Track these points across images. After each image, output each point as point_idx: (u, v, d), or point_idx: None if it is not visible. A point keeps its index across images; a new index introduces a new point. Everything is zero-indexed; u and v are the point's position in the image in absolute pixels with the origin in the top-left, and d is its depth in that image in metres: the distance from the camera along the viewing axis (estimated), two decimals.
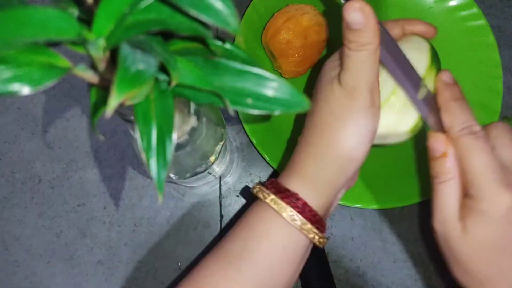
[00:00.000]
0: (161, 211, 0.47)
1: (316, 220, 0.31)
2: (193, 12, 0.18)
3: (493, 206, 0.30)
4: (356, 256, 0.46)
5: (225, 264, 0.31)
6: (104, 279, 0.46)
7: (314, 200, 0.31)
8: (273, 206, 0.31)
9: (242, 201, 0.48)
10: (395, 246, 0.46)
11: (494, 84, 0.46)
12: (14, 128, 0.49)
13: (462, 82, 0.48)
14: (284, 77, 0.47)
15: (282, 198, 0.31)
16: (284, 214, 0.30)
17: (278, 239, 0.31)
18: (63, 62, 0.18)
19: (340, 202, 0.44)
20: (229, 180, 0.48)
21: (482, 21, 0.47)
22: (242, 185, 0.48)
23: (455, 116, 0.31)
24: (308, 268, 0.43)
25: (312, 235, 0.31)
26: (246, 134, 0.46)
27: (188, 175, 0.36)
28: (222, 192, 0.48)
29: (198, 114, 0.31)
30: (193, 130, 0.30)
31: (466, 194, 0.31)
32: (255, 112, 0.21)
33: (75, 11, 0.20)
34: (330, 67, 0.33)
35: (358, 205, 0.44)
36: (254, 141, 0.45)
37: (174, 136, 0.19)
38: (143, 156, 0.19)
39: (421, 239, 0.46)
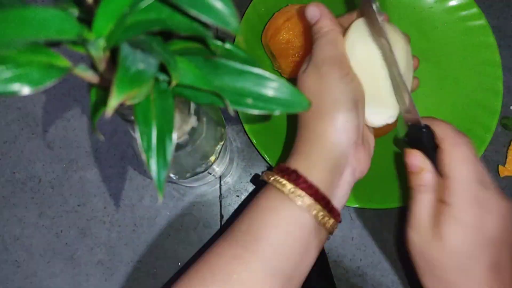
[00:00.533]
0: (161, 211, 0.47)
1: (320, 196, 0.31)
2: (193, 12, 0.18)
3: (468, 215, 0.32)
4: (356, 256, 0.46)
5: (232, 243, 0.31)
6: (104, 279, 0.46)
7: (314, 175, 0.32)
8: (275, 184, 0.32)
9: (242, 201, 0.48)
10: (395, 246, 0.46)
11: (494, 84, 0.46)
12: (14, 128, 0.49)
13: (462, 82, 0.48)
14: (284, 77, 0.48)
15: (282, 176, 0.32)
16: (285, 190, 0.31)
17: (281, 216, 0.31)
18: (63, 62, 0.18)
19: None
20: (229, 180, 0.48)
21: (482, 21, 0.47)
22: (242, 185, 0.48)
23: (447, 129, 0.35)
24: None
25: (316, 211, 0.31)
26: (246, 134, 0.46)
27: (188, 175, 0.36)
28: (222, 192, 0.48)
29: (198, 114, 0.31)
30: (193, 130, 0.30)
31: (442, 200, 0.33)
32: (255, 112, 0.21)
33: (75, 11, 0.20)
34: (303, 66, 0.36)
35: (358, 205, 0.44)
36: (254, 141, 0.45)
37: (174, 136, 0.19)
38: (143, 156, 0.19)
39: None
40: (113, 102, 0.16)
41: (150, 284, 0.46)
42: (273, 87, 0.21)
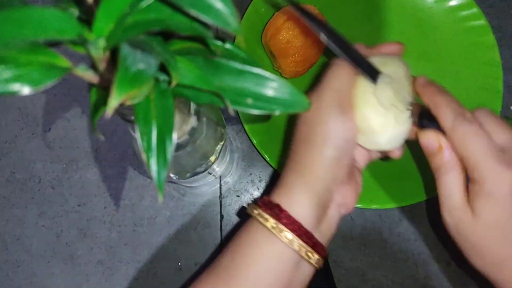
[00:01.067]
0: (161, 211, 0.47)
1: (303, 232, 0.31)
2: (193, 12, 0.18)
3: (498, 186, 0.30)
4: (356, 256, 0.46)
5: (214, 278, 0.31)
6: (104, 279, 0.46)
7: (297, 211, 0.31)
8: (258, 218, 0.31)
9: (242, 201, 0.48)
10: (395, 246, 0.46)
11: (494, 84, 0.46)
12: (14, 128, 0.49)
13: (462, 82, 0.48)
14: (284, 77, 0.47)
15: (265, 210, 0.31)
16: (267, 225, 0.31)
17: (262, 251, 0.31)
18: (63, 62, 0.18)
19: None
20: (229, 180, 0.48)
21: (482, 21, 0.47)
22: (242, 185, 0.48)
23: (445, 108, 0.32)
24: None
25: (298, 246, 0.30)
26: (246, 134, 0.46)
27: (188, 175, 0.36)
28: (222, 192, 0.48)
29: (198, 114, 0.31)
30: (193, 130, 0.30)
31: (469, 179, 0.32)
32: (255, 112, 0.21)
33: (75, 11, 0.20)
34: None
35: (358, 205, 0.44)
36: (254, 141, 0.45)
37: (174, 136, 0.19)
38: (143, 156, 0.19)
39: (421, 239, 0.46)
40: (113, 102, 0.16)
41: (150, 284, 0.46)
42: (273, 87, 0.21)
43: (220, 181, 0.48)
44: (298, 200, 0.31)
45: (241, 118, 0.46)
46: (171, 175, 0.35)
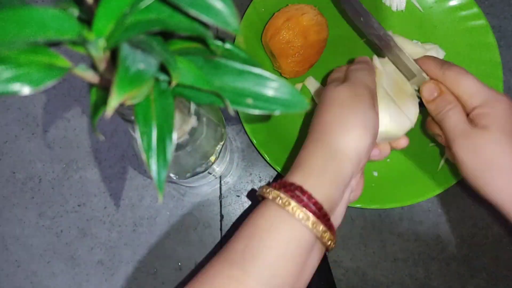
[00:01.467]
0: (161, 211, 0.47)
1: (322, 214, 0.31)
2: (193, 12, 0.18)
3: (496, 103, 0.35)
4: (356, 256, 0.46)
5: (228, 264, 0.30)
6: (104, 279, 0.46)
7: (319, 193, 0.31)
8: (277, 201, 0.30)
9: (242, 201, 0.48)
10: (395, 246, 0.46)
11: (494, 84, 0.46)
12: (14, 128, 0.49)
13: None
14: (284, 77, 0.48)
15: (286, 192, 0.31)
16: (288, 208, 0.30)
17: (281, 235, 0.30)
18: (63, 62, 0.18)
19: None
20: (229, 180, 0.48)
21: (482, 21, 0.48)
22: (242, 185, 0.48)
23: (433, 61, 0.39)
24: None
25: (318, 230, 0.30)
26: (246, 134, 0.46)
27: (188, 175, 0.36)
28: (222, 192, 0.48)
29: (198, 114, 0.31)
30: (193, 130, 0.30)
31: (468, 113, 0.37)
32: (255, 112, 0.21)
33: (75, 11, 0.20)
34: (334, 78, 0.39)
35: (358, 205, 0.44)
36: (255, 141, 0.45)
37: (174, 136, 0.19)
38: (143, 156, 0.19)
39: (421, 239, 0.46)
40: (113, 102, 0.16)
41: (150, 284, 0.46)
42: (273, 87, 0.21)
43: (220, 181, 0.48)
44: (323, 183, 0.31)
45: (241, 118, 0.46)
46: (171, 175, 0.35)
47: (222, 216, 0.47)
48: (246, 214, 0.33)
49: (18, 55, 0.17)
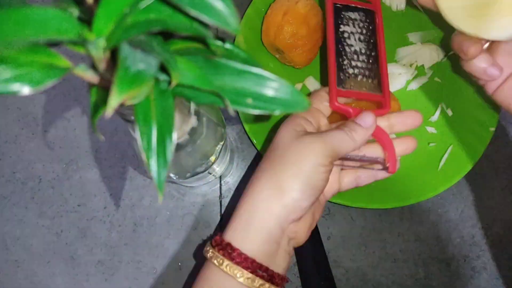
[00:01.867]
0: (161, 211, 0.47)
1: (257, 266, 0.30)
2: (194, 12, 0.18)
3: None
4: (356, 256, 0.46)
5: None
6: (104, 279, 0.46)
7: (249, 248, 0.31)
8: (213, 261, 0.31)
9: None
10: (395, 246, 0.46)
11: None
12: (14, 128, 0.49)
13: (463, 82, 0.48)
14: (298, 68, 0.48)
15: (218, 251, 0.31)
16: (222, 267, 0.30)
17: None
18: (63, 62, 0.18)
19: (341, 202, 0.44)
20: (229, 180, 0.48)
21: None
22: (242, 185, 0.48)
23: None
24: (308, 269, 0.43)
25: (256, 283, 0.30)
26: (246, 134, 0.46)
27: (188, 175, 0.36)
28: (222, 192, 0.48)
29: (198, 114, 0.31)
30: (193, 130, 0.30)
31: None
32: (255, 112, 0.21)
33: (75, 11, 0.20)
34: (294, 124, 0.35)
35: (358, 205, 0.44)
36: (254, 141, 0.45)
37: (174, 136, 0.19)
38: (143, 156, 0.19)
39: (421, 239, 0.46)
40: (113, 102, 0.16)
41: (150, 284, 0.46)
42: (273, 87, 0.21)
43: (220, 181, 0.48)
44: (250, 239, 0.31)
45: (241, 118, 0.46)
46: (171, 175, 0.35)
47: (222, 216, 0.47)
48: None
49: (18, 55, 0.17)
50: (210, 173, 0.41)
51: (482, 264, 0.46)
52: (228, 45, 0.22)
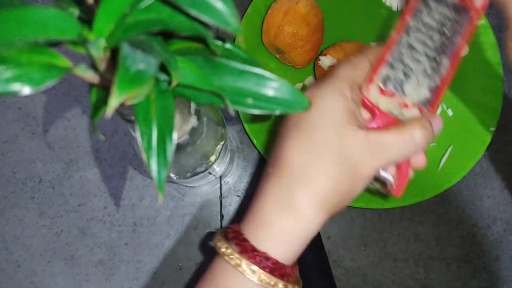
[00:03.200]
0: (162, 211, 0.47)
1: (279, 266, 0.27)
2: (194, 12, 0.18)
3: None
4: (356, 256, 0.46)
5: None
6: (105, 279, 0.46)
7: (273, 251, 0.27)
8: (229, 261, 0.27)
9: (243, 201, 0.48)
10: (395, 246, 0.46)
11: (494, 84, 0.46)
12: (14, 128, 0.49)
13: (463, 82, 0.48)
14: (298, 68, 0.48)
15: (249, 258, 0.27)
16: (240, 269, 0.27)
17: None
18: (64, 62, 0.18)
19: None
20: (229, 180, 0.48)
21: (482, 21, 0.47)
22: (242, 185, 0.48)
23: None
24: (308, 269, 0.43)
25: (278, 284, 0.27)
26: (246, 134, 0.46)
27: (188, 175, 0.36)
28: (223, 192, 0.48)
29: (198, 114, 0.31)
30: (193, 130, 0.30)
31: None
32: (255, 112, 0.21)
33: (75, 11, 0.20)
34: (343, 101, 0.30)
35: (358, 205, 0.44)
36: (254, 141, 0.45)
37: (175, 136, 0.19)
38: (144, 156, 0.19)
39: (421, 239, 0.46)
40: (114, 102, 0.16)
41: (150, 284, 0.46)
42: (273, 87, 0.21)
43: (221, 181, 0.48)
44: (278, 242, 0.27)
45: (241, 118, 0.46)
46: (171, 175, 0.35)
47: (222, 216, 0.47)
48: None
49: (18, 55, 0.17)
50: (210, 173, 0.41)
51: (482, 264, 0.46)
52: (228, 45, 0.22)
